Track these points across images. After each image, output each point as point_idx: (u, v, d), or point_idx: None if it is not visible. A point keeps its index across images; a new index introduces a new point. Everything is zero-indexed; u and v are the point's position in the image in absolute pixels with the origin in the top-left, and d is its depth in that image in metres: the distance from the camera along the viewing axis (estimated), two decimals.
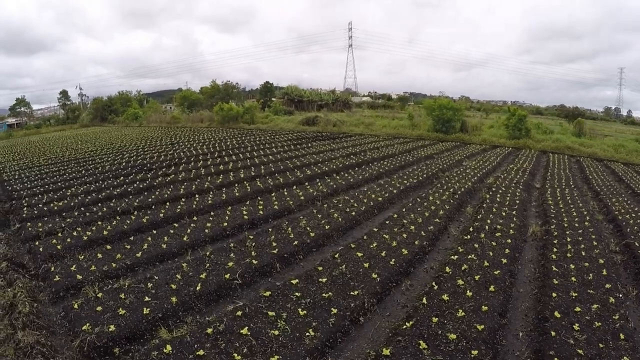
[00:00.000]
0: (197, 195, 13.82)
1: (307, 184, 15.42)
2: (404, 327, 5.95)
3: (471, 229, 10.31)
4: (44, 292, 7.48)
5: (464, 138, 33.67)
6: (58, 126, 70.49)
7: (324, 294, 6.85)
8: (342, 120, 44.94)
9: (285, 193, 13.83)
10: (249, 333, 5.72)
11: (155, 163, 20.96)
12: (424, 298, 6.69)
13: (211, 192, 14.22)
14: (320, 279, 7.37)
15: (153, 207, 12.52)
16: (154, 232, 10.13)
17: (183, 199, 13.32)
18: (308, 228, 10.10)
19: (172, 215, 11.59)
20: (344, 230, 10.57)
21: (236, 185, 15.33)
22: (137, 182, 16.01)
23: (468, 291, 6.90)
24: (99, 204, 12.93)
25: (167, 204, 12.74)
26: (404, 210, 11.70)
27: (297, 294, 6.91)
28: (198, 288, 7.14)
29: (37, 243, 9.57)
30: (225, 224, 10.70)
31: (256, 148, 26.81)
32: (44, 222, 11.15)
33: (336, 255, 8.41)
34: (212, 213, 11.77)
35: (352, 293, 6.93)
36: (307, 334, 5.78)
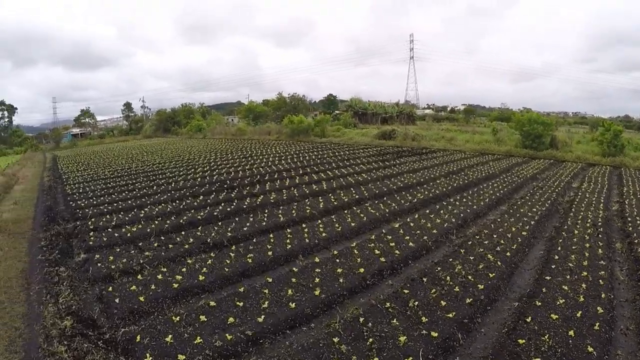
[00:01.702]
0: (303, 225, 11.56)
1: (426, 210, 13.53)
2: None
3: None
4: None
5: (556, 155, 31.41)
6: (121, 137, 73.75)
7: None
8: (420, 134, 42.53)
9: (411, 224, 11.67)
10: None
11: (236, 180, 19.07)
12: None
13: (319, 221, 11.98)
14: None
15: (253, 239, 10.32)
16: (269, 279, 7.81)
17: (288, 229, 11.13)
18: (469, 276, 8.14)
19: (282, 254, 9.33)
20: (506, 277, 8.49)
21: (344, 211, 13.29)
22: (222, 204, 14.02)
23: None
24: (182, 232, 10.88)
25: (270, 235, 10.49)
26: (559, 249, 9.95)
27: None
28: None
29: (110, 289, 7.48)
30: (362, 269, 8.40)
31: (341, 164, 24.75)
32: (116, 255, 9.24)
33: (528, 319, 6.52)
34: (333, 251, 9.51)
35: None
36: None
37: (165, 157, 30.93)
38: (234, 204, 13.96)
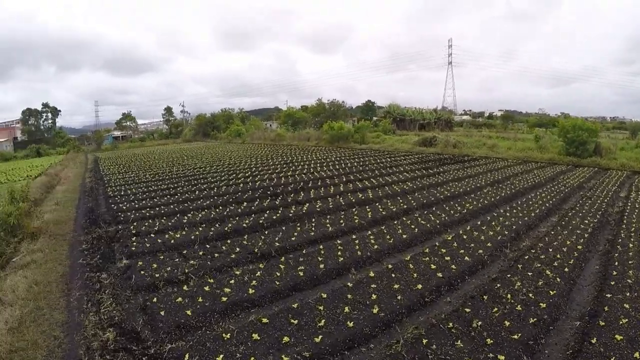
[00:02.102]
0: (353, 236, 11.12)
1: (477, 221, 12.94)
2: None
3: None
4: None
5: (600, 162, 30.03)
6: (161, 140, 76.09)
7: None
8: (461, 141, 41.62)
9: (464, 236, 11.15)
10: None
11: (279, 186, 18.79)
12: None
13: (369, 231, 11.54)
14: None
15: (303, 250, 9.94)
16: (323, 295, 7.35)
17: (338, 240, 10.67)
18: (530, 294, 7.67)
19: (334, 267, 8.85)
20: (565, 295, 7.91)
21: (393, 221, 12.77)
22: (267, 212, 13.69)
23: None
24: (227, 240, 10.59)
25: (320, 246, 10.08)
26: (615, 263, 9.34)
27: None
28: None
29: (154, 299, 7.15)
30: (420, 285, 7.91)
31: (384, 172, 24.14)
32: (159, 263, 8.99)
33: (593, 340, 6.13)
34: (387, 265, 8.98)
35: None
36: None
37: (206, 162, 31.14)
38: (279, 212, 13.62)
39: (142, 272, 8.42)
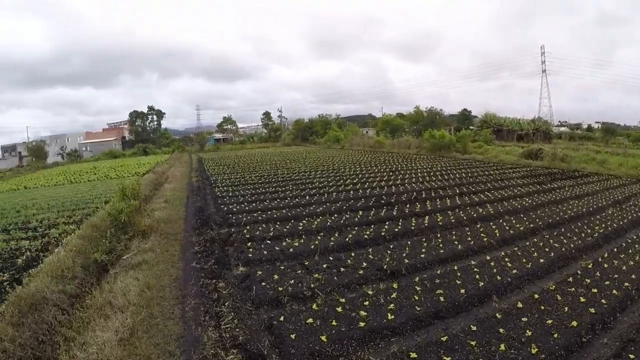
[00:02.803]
0: (487, 257, 9.89)
1: (613, 248, 11.23)
2: None
3: None
4: None
5: None
6: (261, 143, 79.94)
7: None
8: (568, 155, 38.14)
9: (605, 265, 9.62)
10: None
11: (392, 195, 17.92)
12: None
13: (501, 252, 10.29)
14: None
15: (436, 270, 8.91)
16: (472, 327, 6.36)
17: (472, 261, 9.53)
18: None
19: (475, 293, 7.76)
20: None
21: (524, 242, 11.49)
22: (386, 223, 12.83)
23: None
24: (351, 253, 9.87)
25: (455, 267, 9.01)
26: None
27: None
28: None
29: (281, 318, 6.50)
30: (574, 322, 6.69)
31: (496, 185, 22.31)
32: (281, 274, 8.42)
33: None
34: (533, 294, 7.78)
35: None
36: None
37: (309, 166, 31.22)
38: (399, 223, 12.72)
39: (263, 284, 7.88)
